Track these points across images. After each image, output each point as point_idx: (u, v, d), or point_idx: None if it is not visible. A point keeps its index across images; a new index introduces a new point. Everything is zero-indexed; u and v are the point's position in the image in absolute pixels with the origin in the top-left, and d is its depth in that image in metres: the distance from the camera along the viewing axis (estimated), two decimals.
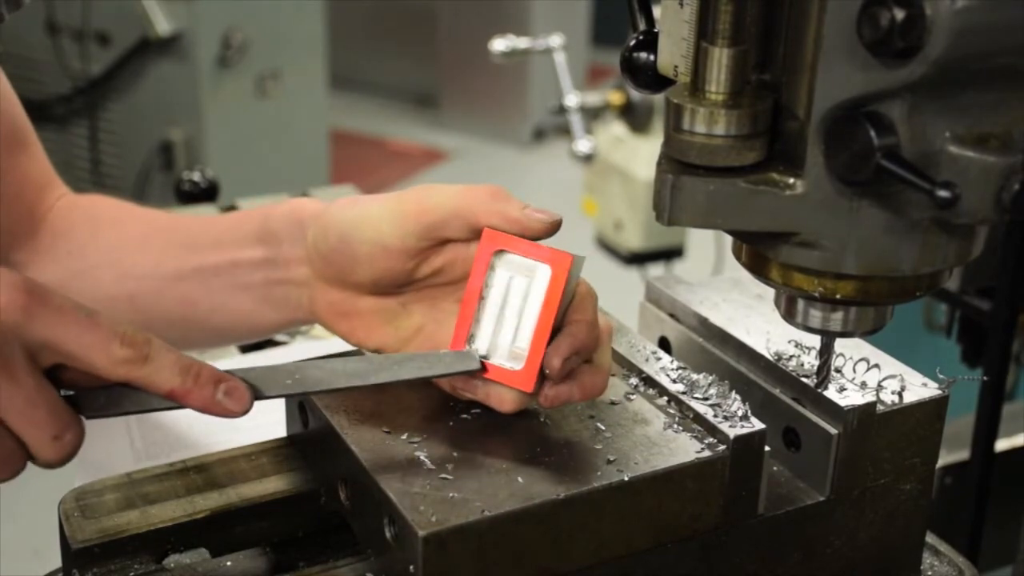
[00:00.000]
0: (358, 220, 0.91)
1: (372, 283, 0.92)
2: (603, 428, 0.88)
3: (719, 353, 1.01)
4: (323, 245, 0.94)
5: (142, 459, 1.26)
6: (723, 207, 0.76)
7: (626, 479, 0.82)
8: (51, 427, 0.76)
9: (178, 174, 2.79)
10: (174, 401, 0.79)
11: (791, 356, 0.96)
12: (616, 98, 2.98)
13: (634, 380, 0.95)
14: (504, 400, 0.87)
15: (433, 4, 6.22)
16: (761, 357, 0.97)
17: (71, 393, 0.79)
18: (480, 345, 0.88)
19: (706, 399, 0.90)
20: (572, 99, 2.91)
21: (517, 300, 0.87)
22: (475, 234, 0.89)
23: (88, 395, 0.79)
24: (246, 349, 1.57)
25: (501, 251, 0.88)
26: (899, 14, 0.66)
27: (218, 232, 1.05)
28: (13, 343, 0.74)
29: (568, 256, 0.86)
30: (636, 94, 2.96)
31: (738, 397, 0.90)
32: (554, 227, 0.88)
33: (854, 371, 0.95)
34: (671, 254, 3.10)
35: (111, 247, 1.13)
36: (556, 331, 0.86)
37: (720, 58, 0.74)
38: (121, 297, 1.09)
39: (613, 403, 0.92)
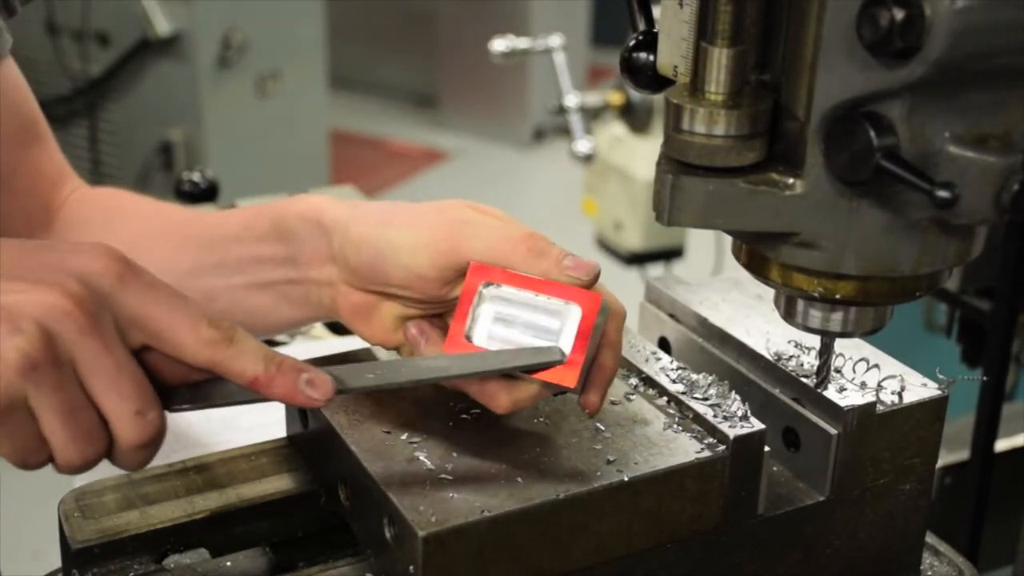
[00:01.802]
0: (393, 245, 0.90)
1: (402, 300, 0.93)
2: (603, 428, 0.88)
3: (719, 353, 1.01)
4: (353, 258, 0.93)
5: None
6: (723, 207, 0.76)
7: (626, 479, 0.82)
8: (136, 400, 0.74)
9: (178, 174, 2.79)
10: (256, 390, 0.77)
11: (791, 356, 0.96)
12: (616, 98, 2.99)
13: (634, 380, 0.95)
14: (499, 402, 0.86)
15: (433, 4, 6.22)
16: (761, 357, 0.97)
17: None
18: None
19: (706, 399, 0.90)
20: (572, 99, 2.91)
21: (525, 319, 0.86)
22: None
23: (171, 390, 0.78)
24: None
25: (490, 283, 0.87)
26: (898, 14, 0.66)
27: (234, 228, 1.04)
28: (105, 310, 0.73)
29: (597, 296, 0.85)
30: (636, 94, 2.96)
31: (738, 397, 0.90)
32: (594, 280, 0.86)
33: (854, 371, 0.95)
34: (671, 254, 3.10)
35: (125, 242, 1.12)
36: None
37: (720, 58, 0.74)
38: None
39: (613, 403, 0.92)
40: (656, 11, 0.83)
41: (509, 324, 0.86)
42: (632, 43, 0.83)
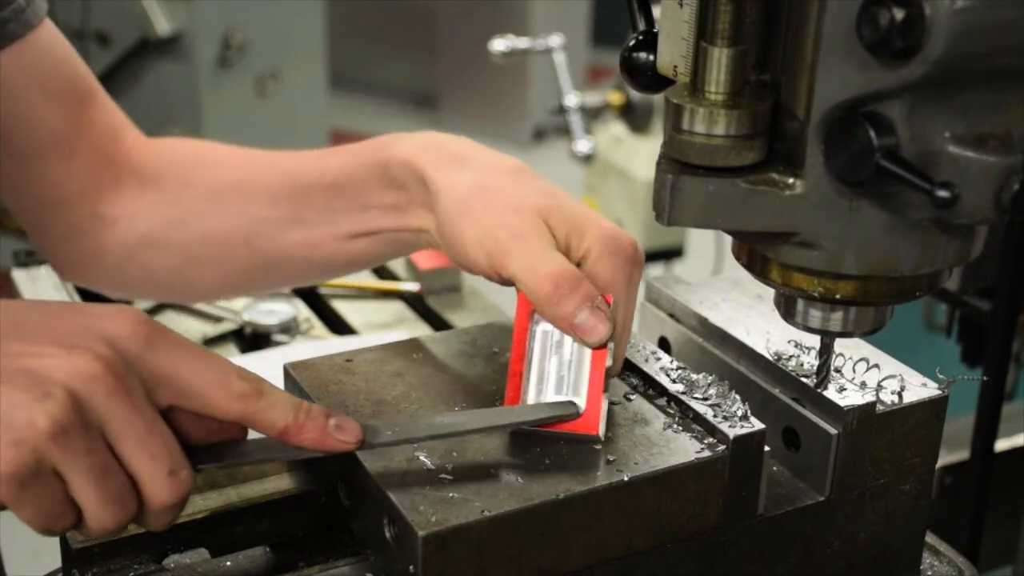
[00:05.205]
0: (460, 237, 0.94)
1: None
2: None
3: (719, 353, 1.01)
4: (438, 228, 0.98)
5: None
6: (723, 207, 0.76)
7: (626, 479, 0.82)
8: (168, 460, 0.74)
9: None
10: (287, 439, 0.79)
11: (791, 356, 0.96)
12: (616, 98, 2.99)
13: (634, 380, 0.95)
14: None
15: (433, 4, 6.23)
16: (761, 357, 0.97)
17: None
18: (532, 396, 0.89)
19: (706, 399, 0.90)
20: (572, 99, 2.91)
21: (565, 350, 0.89)
22: None
23: (194, 450, 0.78)
24: (245, 350, 1.57)
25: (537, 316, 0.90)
26: (898, 14, 0.66)
27: (332, 175, 1.06)
28: (133, 372, 0.74)
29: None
30: (636, 94, 2.96)
31: (738, 397, 0.89)
32: (605, 343, 0.88)
33: (854, 371, 0.95)
34: (671, 254, 3.10)
35: (209, 192, 1.12)
36: None
37: (720, 58, 0.74)
38: (236, 240, 1.10)
39: (613, 403, 0.92)
40: (656, 11, 0.83)
41: (556, 358, 0.89)
42: (632, 43, 0.83)
